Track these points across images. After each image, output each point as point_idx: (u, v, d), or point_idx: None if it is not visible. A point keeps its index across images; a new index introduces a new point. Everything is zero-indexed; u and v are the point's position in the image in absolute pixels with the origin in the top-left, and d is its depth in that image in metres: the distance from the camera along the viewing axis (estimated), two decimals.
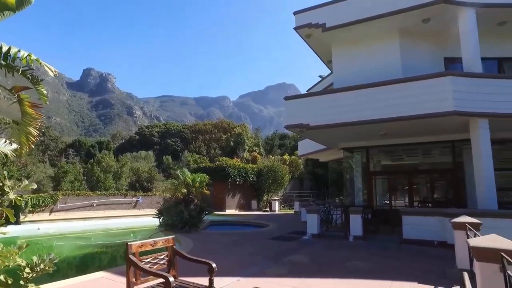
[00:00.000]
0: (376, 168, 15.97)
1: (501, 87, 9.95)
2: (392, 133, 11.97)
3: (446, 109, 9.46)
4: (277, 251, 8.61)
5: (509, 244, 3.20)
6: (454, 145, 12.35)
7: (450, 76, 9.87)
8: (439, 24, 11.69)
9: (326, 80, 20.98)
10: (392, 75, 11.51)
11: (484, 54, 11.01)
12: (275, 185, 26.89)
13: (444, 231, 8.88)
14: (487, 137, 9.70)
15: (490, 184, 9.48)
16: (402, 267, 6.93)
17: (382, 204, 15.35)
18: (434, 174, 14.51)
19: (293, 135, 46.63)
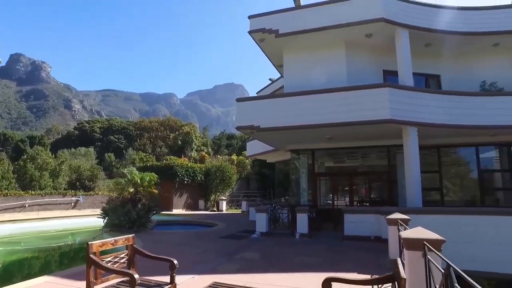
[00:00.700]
0: (321, 170, 16.96)
1: (427, 100, 11.30)
2: (336, 137, 12.86)
3: (383, 117, 10.50)
4: (229, 249, 8.87)
5: (430, 234, 3.85)
6: (389, 149, 13.66)
7: (388, 87, 10.97)
8: (380, 39, 12.84)
9: (276, 84, 21.71)
10: (338, 83, 12.40)
11: (415, 70, 12.36)
12: (223, 185, 27.08)
13: (380, 227, 9.83)
14: (416, 143, 10.95)
15: (417, 185, 10.73)
16: (344, 260, 7.62)
17: (325, 204, 16.36)
18: (372, 176, 15.83)
19: (240, 136, 47.15)
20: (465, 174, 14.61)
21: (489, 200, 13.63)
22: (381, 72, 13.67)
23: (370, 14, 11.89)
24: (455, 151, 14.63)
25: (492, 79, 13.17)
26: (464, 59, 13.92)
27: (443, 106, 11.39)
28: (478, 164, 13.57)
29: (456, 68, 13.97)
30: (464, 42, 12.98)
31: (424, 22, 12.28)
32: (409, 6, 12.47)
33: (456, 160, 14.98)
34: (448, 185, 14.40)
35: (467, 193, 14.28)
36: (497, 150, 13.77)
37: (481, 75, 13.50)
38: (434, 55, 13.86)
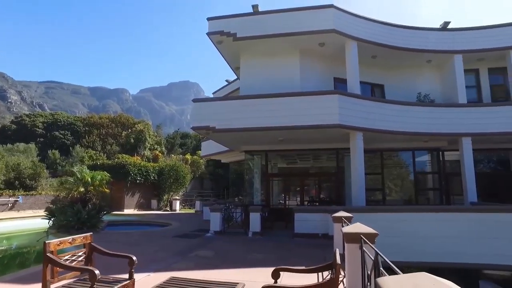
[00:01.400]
0: (273, 171, 17.57)
1: (372, 107, 12.34)
2: (289, 139, 13.48)
3: (333, 122, 11.27)
4: (183, 247, 9.00)
5: (366, 229, 4.40)
6: (338, 152, 14.60)
7: (337, 94, 11.80)
8: (331, 49, 13.70)
9: (232, 85, 22.00)
10: (292, 88, 13.02)
11: (362, 79, 13.39)
12: (177, 184, 26.79)
13: (327, 225, 10.54)
14: (361, 147, 11.91)
15: (361, 185, 11.67)
16: (293, 256, 8.14)
17: (278, 203, 17.00)
18: (321, 177, 16.75)
19: (194, 135, 46.72)
20: (404, 175, 16.06)
21: (422, 199, 15.15)
22: (332, 80, 14.57)
23: (323, 25, 12.66)
24: (395, 154, 16.03)
25: (426, 91, 14.68)
26: (404, 72, 15.33)
27: (386, 113, 12.50)
28: (414, 166, 15.04)
29: (398, 80, 15.33)
30: (404, 56, 14.33)
31: (370, 35, 13.35)
32: (358, 20, 13.48)
33: (396, 163, 16.42)
34: (389, 185, 15.73)
35: (406, 193, 15.70)
36: (429, 155, 15.35)
37: (417, 87, 14.98)
38: (379, 66, 15.08)
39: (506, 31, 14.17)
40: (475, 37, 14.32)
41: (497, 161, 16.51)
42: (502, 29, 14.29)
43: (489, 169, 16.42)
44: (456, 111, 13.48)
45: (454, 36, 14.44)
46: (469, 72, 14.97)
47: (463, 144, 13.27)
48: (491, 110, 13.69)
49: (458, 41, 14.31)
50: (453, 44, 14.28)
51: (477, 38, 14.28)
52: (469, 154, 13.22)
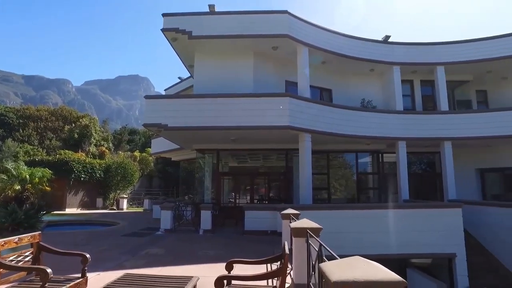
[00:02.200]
0: (224, 169, 17.76)
1: (320, 110, 13.08)
2: (241, 139, 13.77)
3: (283, 124, 11.77)
4: (133, 246, 8.85)
5: (311, 224, 4.82)
6: (287, 153, 15.22)
7: (288, 97, 12.32)
8: (284, 53, 14.24)
9: (185, 83, 21.80)
10: (245, 88, 13.34)
11: (312, 83, 14.13)
12: (124, 182, 25.81)
13: (276, 222, 11.00)
14: (309, 148, 12.57)
15: (308, 185, 12.33)
16: (244, 252, 8.42)
17: (228, 202, 17.22)
18: (271, 176, 17.29)
19: (144, 131, 45.18)
20: (347, 176, 17.19)
21: (363, 197, 16.37)
22: (284, 82, 15.15)
23: (277, 30, 13.14)
24: (340, 156, 17.10)
25: (369, 97, 15.89)
26: (350, 79, 16.44)
27: (333, 117, 13.33)
28: (356, 167, 16.19)
29: (344, 85, 16.39)
30: (350, 64, 15.37)
31: (321, 43, 14.13)
32: (310, 27, 14.18)
33: (341, 164, 17.52)
34: (335, 185, 16.73)
35: (349, 192, 16.83)
36: (370, 156, 16.63)
37: (362, 94, 16.15)
38: (328, 72, 16.00)
39: (435, 49, 15.90)
40: (410, 51, 15.84)
41: (426, 163, 18.35)
42: (431, 47, 16.00)
43: (420, 170, 18.21)
44: (394, 117, 14.79)
45: (393, 49, 15.81)
46: (405, 83, 16.50)
47: (399, 148, 14.63)
48: (422, 117, 15.25)
49: (397, 54, 15.71)
50: (393, 56, 15.63)
51: (411, 52, 15.81)
52: (404, 156, 14.61)
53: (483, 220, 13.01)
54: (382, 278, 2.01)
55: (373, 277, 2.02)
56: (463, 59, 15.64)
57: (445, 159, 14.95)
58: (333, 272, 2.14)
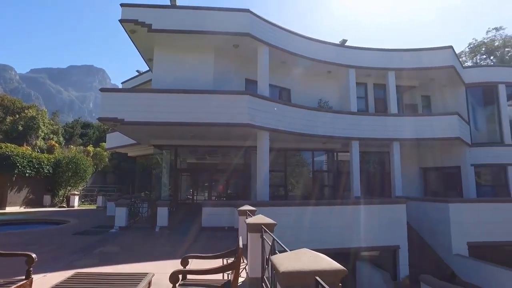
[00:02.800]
0: (183, 166, 17.57)
1: (279, 109, 13.41)
2: (200, 135, 13.72)
3: (242, 121, 11.92)
4: (85, 244, 8.54)
5: (266, 220, 5.01)
6: (246, 150, 15.41)
7: (248, 95, 12.48)
8: (245, 51, 14.37)
9: (144, 76, 21.20)
10: (205, 85, 13.30)
11: (272, 82, 14.41)
12: (76, 178, 24.50)
13: (233, 218, 11.16)
14: (267, 146, 12.86)
15: (265, 182, 12.62)
16: (201, 247, 8.46)
17: (186, 198, 17.09)
18: (229, 173, 17.38)
19: (98, 125, 43.12)
20: (304, 173, 17.77)
21: (319, 194, 17.04)
22: (244, 80, 15.30)
23: (238, 28, 13.22)
24: (297, 154, 17.63)
25: (326, 98, 16.57)
26: (309, 79, 16.98)
27: (291, 116, 13.73)
28: (313, 165, 16.80)
29: (303, 85, 16.90)
30: (308, 65, 15.88)
31: (281, 43, 14.44)
32: (271, 27, 14.42)
33: (298, 162, 18.06)
34: (292, 182, 17.23)
35: (306, 189, 17.41)
36: (326, 155, 17.34)
37: (319, 94, 16.78)
38: (287, 72, 16.39)
39: (386, 55, 16.94)
40: (365, 56, 16.72)
41: (378, 162, 19.49)
42: (384, 52, 17.02)
43: (371, 168, 19.31)
44: (348, 118, 15.56)
45: (350, 53, 16.60)
46: (359, 85, 17.40)
47: (352, 147, 15.43)
48: (374, 119, 16.20)
49: (352, 57, 16.51)
50: (348, 59, 16.41)
51: (366, 57, 16.70)
52: (356, 155, 15.43)
53: (422, 214, 14.19)
54: (325, 267, 2.23)
55: (317, 266, 2.24)
56: (410, 66, 16.82)
57: (393, 158, 16.03)
58: (282, 264, 2.33)
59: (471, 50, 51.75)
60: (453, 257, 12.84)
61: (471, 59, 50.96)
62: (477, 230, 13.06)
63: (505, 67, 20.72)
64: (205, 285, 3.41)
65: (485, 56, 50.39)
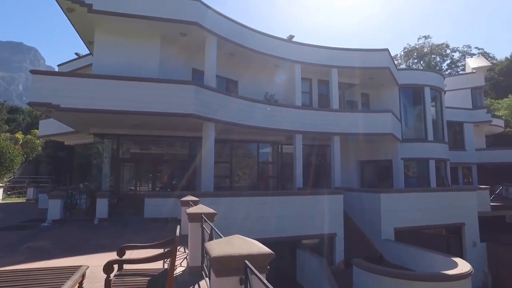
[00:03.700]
0: (125, 156, 16.87)
1: (224, 101, 13.46)
2: (144, 125, 13.29)
3: (187, 111, 11.78)
4: (10, 241, 7.88)
5: (206, 209, 5.13)
6: (192, 141, 15.27)
7: (194, 85, 12.32)
8: (193, 40, 14.11)
9: (83, 60, 19.89)
10: (150, 73, 12.86)
11: (219, 73, 14.38)
12: (1, 168, 22.31)
13: (177, 209, 11.06)
14: (212, 137, 12.89)
15: (210, 173, 12.68)
16: (142, 239, 8.29)
17: (128, 190, 16.48)
18: (175, 164, 17.09)
19: (29, 110, 39.55)
20: (249, 164, 18.09)
21: (264, 185, 17.50)
22: (191, 70, 15.07)
23: (186, 16, 12.92)
24: (243, 145, 17.88)
25: (272, 92, 16.97)
26: (256, 72, 17.22)
27: (238, 108, 13.87)
28: (258, 157, 17.18)
29: (250, 78, 17.10)
30: (257, 58, 16.09)
31: (230, 34, 14.43)
32: (220, 18, 14.33)
33: (244, 153, 18.32)
34: (237, 173, 17.45)
35: (251, 180, 17.75)
36: (271, 147, 17.83)
37: (266, 87, 17.13)
38: (235, 64, 16.46)
39: (331, 53, 17.78)
40: (310, 52, 17.38)
41: (320, 154, 20.50)
42: (328, 50, 17.84)
43: (314, 161, 20.26)
44: (293, 112, 16.12)
45: (297, 48, 17.12)
46: (305, 80, 18.06)
47: (296, 140, 16.05)
48: (317, 113, 16.98)
49: (299, 53, 17.06)
50: (295, 55, 16.93)
51: (311, 53, 17.36)
52: (300, 148, 16.10)
53: (358, 204, 15.33)
54: (254, 251, 2.42)
55: (246, 251, 2.42)
56: (351, 65, 17.86)
57: (334, 151, 17.01)
58: (214, 249, 2.47)
59: (405, 54, 56.29)
60: (382, 241, 14.10)
61: (405, 62, 55.43)
62: (403, 217, 14.49)
63: (430, 72, 23.02)
64: (142, 274, 3.42)
65: (416, 60, 55.23)
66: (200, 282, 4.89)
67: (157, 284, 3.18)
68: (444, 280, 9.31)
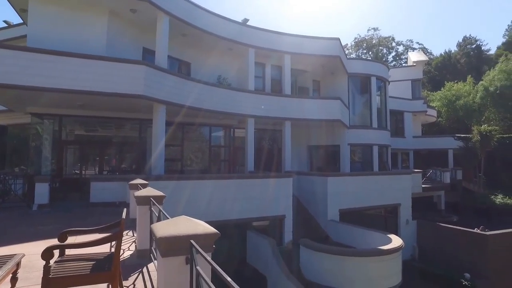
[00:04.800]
0: (69, 138, 15.87)
1: (176, 82, 13.12)
2: (90, 105, 12.53)
3: (137, 92, 11.31)
4: None
5: (155, 192, 5.08)
6: (141, 123, 14.76)
7: (144, 65, 11.79)
8: (143, 18, 13.44)
9: (15, 30, 17.96)
10: (96, 50, 12.09)
11: (171, 54, 13.93)
12: None
13: (125, 193, 10.74)
14: (163, 119, 12.56)
15: (161, 156, 12.42)
16: (87, 224, 7.95)
17: (73, 173, 15.59)
18: (124, 146, 16.43)
19: None
20: (201, 148, 17.95)
21: (215, 169, 17.54)
22: (141, 49, 14.41)
23: None
24: (195, 129, 17.66)
25: (225, 75, 16.86)
26: (210, 54, 16.93)
27: (190, 90, 13.58)
28: (210, 140, 17.11)
29: (203, 60, 16.79)
30: (211, 40, 15.79)
31: (183, 14, 13.94)
32: None
33: (196, 137, 18.11)
34: (189, 156, 17.25)
35: (203, 164, 17.67)
36: (223, 131, 17.82)
37: (219, 71, 16.96)
38: (188, 45, 16.01)
39: (284, 38, 17.96)
40: (265, 37, 17.42)
41: (273, 139, 20.94)
42: (282, 36, 18.01)
43: (266, 145, 20.66)
44: (246, 96, 16.17)
45: (251, 33, 17.04)
46: (258, 65, 18.14)
47: (248, 124, 16.19)
48: (269, 98, 17.22)
49: (253, 37, 17.01)
50: (249, 39, 16.86)
51: (265, 38, 17.41)
52: (252, 132, 16.29)
53: (307, 187, 16.02)
54: (199, 231, 2.49)
55: (192, 231, 2.48)
56: (304, 52, 18.24)
57: (285, 136, 17.46)
58: (159, 230, 2.51)
59: (356, 44, 58.69)
60: (328, 222, 14.97)
61: (356, 52, 57.86)
62: (347, 199, 15.47)
63: (377, 63, 24.28)
64: (85, 259, 3.34)
65: (365, 51, 57.93)
66: (149, 264, 4.88)
67: (102, 268, 3.13)
68: (379, 254, 10.23)
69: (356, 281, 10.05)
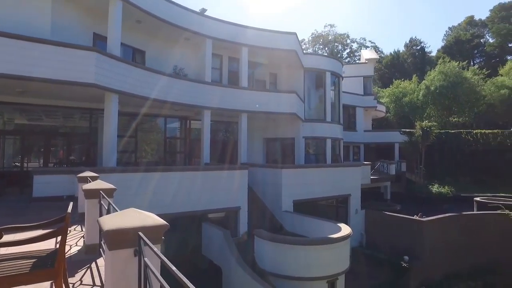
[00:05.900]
0: (8, 127, 14.68)
1: (130, 71, 12.61)
2: (33, 92, 11.67)
3: (87, 80, 10.68)
4: None
5: (105, 185, 4.93)
6: (92, 112, 14.05)
7: (95, 52, 11.13)
8: (94, 1, 12.67)
9: None
10: (40, 33, 11.20)
11: (124, 41, 13.33)
12: None
13: (73, 186, 10.20)
14: (116, 109, 12.04)
15: (113, 147, 11.94)
16: (29, 221, 7.45)
17: (12, 166, 14.48)
18: (73, 137, 15.54)
19: None
20: (156, 139, 17.52)
21: (171, 161, 17.23)
22: (92, 35, 13.63)
23: None
24: (150, 119, 17.17)
25: (182, 65, 16.51)
26: (166, 44, 16.46)
27: (144, 80, 13.14)
28: (165, 132, 16.74)
29: (159, 49, 16.28)
30: (167, 29, 15.33)
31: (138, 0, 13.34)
32: None
33: (151, 128, 17.63)
34: (144, 148, 16.76)
35: (158, 155, 17.27)
36: (179, 122, 17.52)
37: (175, 60, 16.55)
38: (143, 33, 15.41)
39: (242, 31, 17.93)
40: (223, 29, 17.25)
41: (230, 131, 20.96)
42: (240, 28, 17.95)
43: (222, 137, 20.65)
44: (202, 87, 15.98)
45: (209, 23, 16.78)
46: (215, 57, 17.97)
47: (204, 116, 16.06)
48: (226, 90, 17.17)
49: (211, 28, 16.77)
50: (207, 29, 16.59)
51: (223, 29, 17.25)
52: (208, 124, 16.18)
53: (262, 179, 16.32)
54: (148, 223, 2.50)
55: (140, 223, 2.49)
56: (261, 45, 18.36)
57: (241, 128, 17.56)
58: (106, 223, 2.48)
59: (313, 40, 60.16)
60: (282, 213, 15.40)
61: (312, 47, 59.34)
62: (301, 190, 15.99)
63: (332, 59, 25.14)
64: (25, 257, 3.17)
65: (322, 46, 59.65)
66: (98, 260, 4.75)
67: (44, 265, 3.01)
68: (328, 242, 10.79)
69: (308, 268, 10.53)
